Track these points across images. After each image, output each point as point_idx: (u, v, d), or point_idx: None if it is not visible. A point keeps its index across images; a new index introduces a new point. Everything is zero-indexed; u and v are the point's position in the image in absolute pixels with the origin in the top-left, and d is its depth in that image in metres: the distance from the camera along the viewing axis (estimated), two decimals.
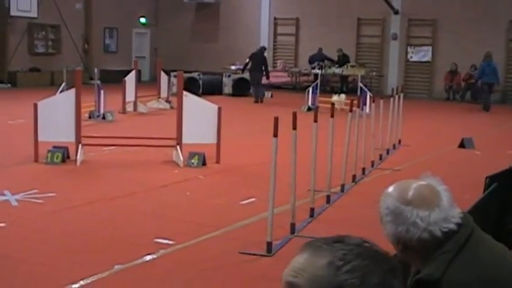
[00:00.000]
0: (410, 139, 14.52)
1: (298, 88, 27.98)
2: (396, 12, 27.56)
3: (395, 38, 27.87)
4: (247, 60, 24.05)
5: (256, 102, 23.38)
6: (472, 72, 25.59)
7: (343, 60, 27.36)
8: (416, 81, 27.51)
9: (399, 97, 13.61)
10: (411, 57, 27.69)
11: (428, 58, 27.43)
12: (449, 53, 26.39)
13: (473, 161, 12.71)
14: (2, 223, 7.46)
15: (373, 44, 28.49)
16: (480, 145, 14.16)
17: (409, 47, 27.74)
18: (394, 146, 13.46)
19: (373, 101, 12.52)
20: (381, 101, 12.63)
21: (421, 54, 27.24)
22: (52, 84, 24.80)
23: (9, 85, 25.79)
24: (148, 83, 26.83)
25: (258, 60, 23.92)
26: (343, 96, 21.19)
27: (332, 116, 8.68)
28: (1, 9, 25.43)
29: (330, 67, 27.16)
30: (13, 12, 25.69)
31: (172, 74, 21.33)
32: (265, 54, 24.86)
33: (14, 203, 8.41)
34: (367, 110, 14.78)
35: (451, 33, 26.58)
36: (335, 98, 19.93)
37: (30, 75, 26.84)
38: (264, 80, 23.98)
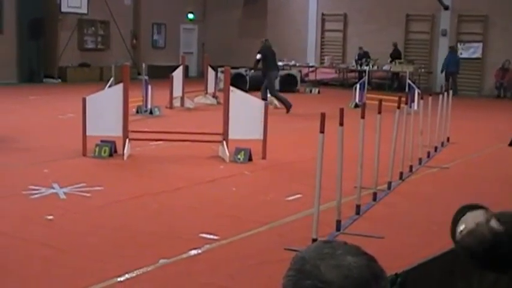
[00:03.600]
0: (459, 137, 14.31)
1: (345, 84, 27.83)
2: (446, 8, 27.20)
3: (444, 34, 27.51)
4: (259, 56, 18.96)
5: (288, 110, 18.47)
6: None
7: (395, 56, 27.16)
8: (466, 78, 27.10)
9: (448, 94, 13.42)
10: (461, 53, 27.29)
11: (478, 55, 27.03)
12: (501, 49, 25.95)
13: None
14: (50, 216, 7.56)
15: (422, 40, 28.17)
16: None
17: (458, 44, 27.35)
18: (442, 143, 13.27)
19: (422, 98, 12.34)
20: (430, 98, 12.46)
21: (471, 51, 26.85)
22: (101, 79, 25.09)
23: (59, 80, 26.16)
24: (195, 79, 26.94)
25: (273, 56, 19.11)
26: None
27: (379, 112, 8.58)
28: (52, 6, 25.79)
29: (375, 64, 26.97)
30: (64, 8, 26.04)
31: (219, 69, 21.39)
32: None
33: (62, 196, 8.51)
34: (415, 107, 14.61)
35: (502, 30, 26.13)
36: None
37: (79, 70, 27.20)
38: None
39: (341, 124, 7.02)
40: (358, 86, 20.53)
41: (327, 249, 1.51)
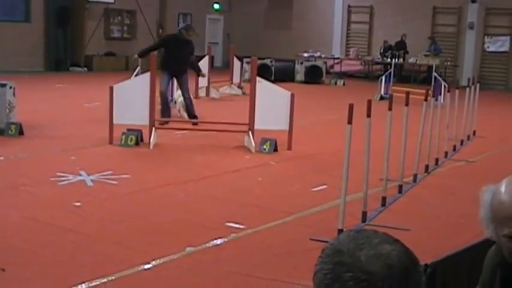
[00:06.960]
0: (486, 131, 14.20)
1: (370, 77, 27.72)
2: (474, 1, 26.97)
3: (472, 27, 27.28)
4: (155, 45, 15.13)
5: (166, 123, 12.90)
6: None
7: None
8: (493, 72, 26.89)
9: (475, 88, 13.32)
10: (488, 47, 27.07)
11: (506, 48, 26.78)
12: None
13: None
14: (77, 202, 7.64)
15: (449, 33, 27.96)
16: None
17: (486, 37, 27.12)
18: (468, 137, 13.18)
19: (448, 91, 12.26)
20: (457, 91, 12.39)
21: (498, 44, 26.61)
22: (126, 68, 25.20)
23: (85, 69, 26.34)
24: (221, 69, 26.99)
25: (180, 50, 13.80)
26: None
27: (407, 104, 8.56)
28: None
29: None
30: None
31: (244, 60, 21.40)
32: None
33: (90, 183, 8.60)
34: (442, 100, 14.54)
35: None
36: None
37: (105, 59, 27.36)
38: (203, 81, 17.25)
39: (368, 116, 7.02)
40: (383, 78, 20.47)
41: (363, 239, 1.46)
